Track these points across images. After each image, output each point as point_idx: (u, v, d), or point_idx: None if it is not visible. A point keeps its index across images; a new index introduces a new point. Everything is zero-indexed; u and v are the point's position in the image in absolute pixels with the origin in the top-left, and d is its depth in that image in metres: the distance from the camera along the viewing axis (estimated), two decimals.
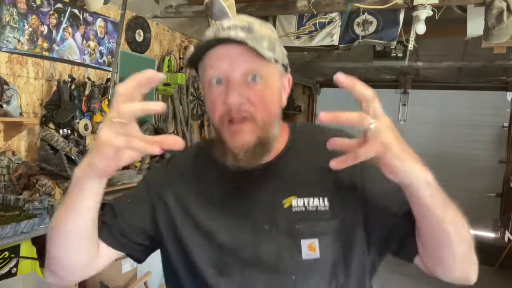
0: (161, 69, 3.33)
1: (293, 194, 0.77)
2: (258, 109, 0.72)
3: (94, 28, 2.65)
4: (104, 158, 0.59)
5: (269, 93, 0.74)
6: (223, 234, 0.77)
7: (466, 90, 5.68)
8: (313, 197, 0.76)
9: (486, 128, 5.60)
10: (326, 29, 2.98)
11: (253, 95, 0.72)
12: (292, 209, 0.76)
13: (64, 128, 2.36)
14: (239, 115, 0.71)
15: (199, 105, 3.96)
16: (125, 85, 0.57)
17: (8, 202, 1.88)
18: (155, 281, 2.77)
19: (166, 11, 3.01)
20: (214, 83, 0.73)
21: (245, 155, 0.72)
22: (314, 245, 0.74)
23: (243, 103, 0.71)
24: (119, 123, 0.56)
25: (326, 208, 0.76)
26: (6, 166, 2.04)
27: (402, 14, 2.73)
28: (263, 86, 0.73)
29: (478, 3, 2.28)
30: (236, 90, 0.71)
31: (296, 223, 0.75)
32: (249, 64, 0.71)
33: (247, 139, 0.72)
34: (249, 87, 0.72)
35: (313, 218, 0.75)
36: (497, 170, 5.54)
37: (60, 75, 2.43)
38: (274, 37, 0.77)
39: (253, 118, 0.72)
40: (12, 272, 1.63)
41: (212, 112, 0.75)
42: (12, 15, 2.10)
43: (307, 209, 0.76)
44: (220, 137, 0.75)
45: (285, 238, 0.75)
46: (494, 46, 2.51)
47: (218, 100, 0.73)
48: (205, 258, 0.78)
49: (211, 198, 0.81)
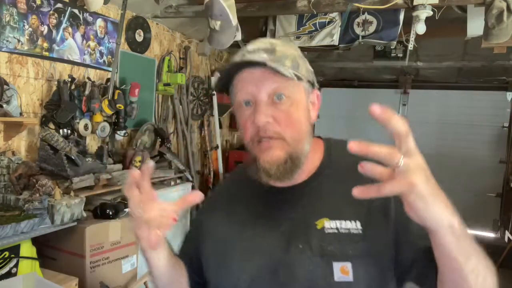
0: (161, 69, 3.33)
1: (326, 216, 0.77)
2: (285, 128, 0.75)
3: (94, 28, 2.65)
4: (143, 241, 0.70)
5: (295, 111, 0.76)
6: (258, 255, 0.80)
7: (466, 90, 5.68)
8: (345, 220, 0.77)
9: (486, 128, 5.60)
10: (326, 29, 2.98)
11: (279, 114, 0.75)
12: (325, 230, 0.77)
13: (64, 128, 2.35)
14: (267, 135, 0.75)
15: (199, 105, 3.96)
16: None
17: (8, 202, 1.88)
18: None
19: (166, 11, 3.01)
20: (243, 106, 0.77)
21: (277, 171, 0.75)
22: (347, 268, 0.74)
23: (269, 123, 0.74)
24: (139, 215, 0.68)
25: (359, 231, 0.76)
26: (6, 166, 2.04)
27: (402, 14, 2.73)
28: (289, 105, 0.75)
29: (478, 3, 2.28)
30: (262, 111, 0.74)
31: (328, 245, 0.75)
32: (273, 85, 0.74)
33: (277, 155, 0.75)
34: (275, 107, 0.75)
35: (346, 241, 0.75)
36: (497, 170, 5.54)
37: (60, 75, 2.43)
38: (298, 54, 0.80)
39: (282, 137, 0.75)
40: (12, 272, 1.63)
41: (244, 133, 0.79)
42: (12, 15, 2.10)
43: (339, 231, 0.76)
44: (253, 155, 0.78)
45: (318, 258, 0.75)
46: (494, 46, 2.51)
47: (248, 121, 0.77)
48: (242, 280, 0.80)
49: (246, 219, 0.84)
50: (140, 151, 2.73)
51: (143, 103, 3.11)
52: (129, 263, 2.16)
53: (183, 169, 3.24)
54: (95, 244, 1.95)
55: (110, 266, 2.04)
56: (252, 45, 0.79)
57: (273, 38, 0.79)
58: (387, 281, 0.76)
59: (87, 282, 1.91)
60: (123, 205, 2.16)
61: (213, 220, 0.89)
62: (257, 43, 0.79)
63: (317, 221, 0.78)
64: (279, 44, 0.79)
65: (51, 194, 1.88)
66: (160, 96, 3.45)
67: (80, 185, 2.16)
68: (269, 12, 2.76)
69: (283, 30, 3.14)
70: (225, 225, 0.86)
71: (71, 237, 1.93)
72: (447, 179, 6.20)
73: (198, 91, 3.92)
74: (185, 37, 3.70)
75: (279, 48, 0.77)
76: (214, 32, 2.33)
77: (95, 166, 2.29)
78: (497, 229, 5.59)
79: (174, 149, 3.66)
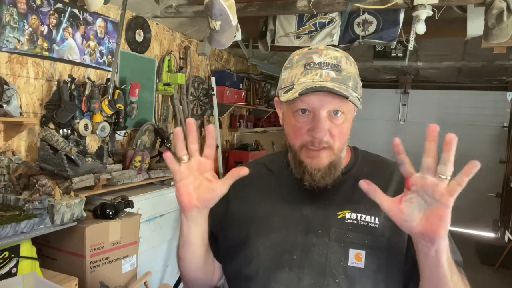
0: (161, 69, 3.33)
1: (348, 209, 0.86)
2: (336, 140, 0.83)
3: (94, 28, 2.65)
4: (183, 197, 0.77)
5: (346, 126, 0.85)
6: (276, 234, 0.87)
7: (466, 90, 5.69)
8: (365, 214, 0.85)
9: (486, 128, 5.61)
10: (326, 29, 2.98)
11: (334, 128, 0.82)
12: (345, 220, 0.85)
13: (64, 128, 2.35)
14: (321, 146, 0.82)
15: (199, 105, 3.96)
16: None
17: (8, 202, 1.88)
18: (155, 281, 2.78)
19: (166, 11, 3.00)
20: (300, 112, 0.83)
21: (322, 176, 0.83)
22: (361, 255, 0.82)
23: (326, 137, 0.82)
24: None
25: (376, 225, 0.84)
26: (6, 166, 2.04)
27: (402, 14, 2.73)
28: (343, 120, 0.83)
29: (478, 3, 2.28)
30: (323, 128, 0.80)
31: (347, 233, 0.84)
32: (336, 104, 0.81)
33: (323, 163, 0.83)
34: (331, 122, 0.82)
35: (364, 231, 0.83)
36: (497, 170, 5.55)
37: (60, 75, 2.43)
38: (357, 73, 0.86)
39: (331, 147, 0.83)
40: (12, 272, 1.63)
41: (295, 136, 0.85)
42: (12, 15, 2.10)
43: (359, 222, 0.84)
44: (298, 158, 0.85)
45: (335, 244, 0.83)
46: (494, 46, 2.51)
47: (303, 128, 0.83)
48: (261, 253, 0.86)
49: (271, 200, 0.92)
50: (140, 151, 2.73)
51: (143, 103, 3.11)
52: (129, 263, 2.16)
53: None
54: (95, 244, 1.95)
55: (110, 266, 2.04)
56: (317, 56, 0.83)
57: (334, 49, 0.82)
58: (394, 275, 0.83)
59: (87, 282, 1.92)
60: (123, 205, 2.16)
61: (240, 199, 0.95)
62: (322, 55, 0.83)
63: (339, 212, 0.86)
64: (343, 59, 0.84)
65: (51, 194, 1.88)
66: (160, 96, 3.45)
67: (80, 185, 2.16)
68: (269, 12, 2.76)
69: (283, 30, 3.14)
70: (250, 203, 0.93)
71: (71, 237, 1.93)
72: None
73: (198, 91, 3.92)
74: (185, 37, 3.70)
75: (344, 65, 0.83)
76: (214, 32, 2.33)
77: (95, 166, 2.29)
78: (497, 229, 5.60)
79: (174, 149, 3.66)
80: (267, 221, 0.89)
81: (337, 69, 0.81)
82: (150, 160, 2.88)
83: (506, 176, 5.49)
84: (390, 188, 0.87)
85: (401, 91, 6.02)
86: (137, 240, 2.21)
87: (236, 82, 4.46)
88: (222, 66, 4.47)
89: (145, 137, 3.15)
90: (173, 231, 2.94)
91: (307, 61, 0.83)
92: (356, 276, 0.81)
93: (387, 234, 0.83)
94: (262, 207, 0.91)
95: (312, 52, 0.84)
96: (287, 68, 0.87)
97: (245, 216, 0.92)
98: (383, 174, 0.90)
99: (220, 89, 4.14)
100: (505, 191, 5.48)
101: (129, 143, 3.07)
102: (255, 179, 0.94)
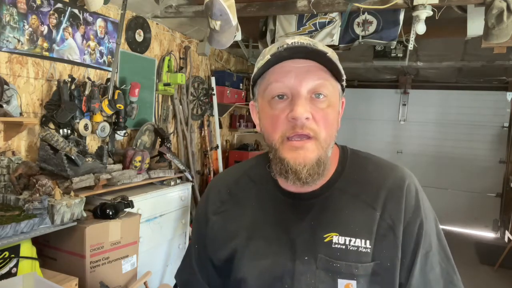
0: (161, 69, 3.33)
1: (335, 231, 0.75)
2: (321, 128, 0.71)
3: (94, 28, 2.65)
4: None
5: (331, 113, 0.73)
6: (264, 260, 0.77)
7: (466, 90, 5.69)
8: (355, 238, 0.74)
9: (486, 128, 5.60)
10: (326, 29, 2.98)
11: (317, 112, 0.71)
12: (332, 244, 0.74)
13: (64, 128, 2.35)
14: (304, 131, 0.70)
15: (199, 105, 3.96)
16: None
17: (8, 202, 1.88)
18: (155, 281, 2.78)
19: (166, 11, 3.01)
20: (276, 98, 0.72)
21: (308, 173, 0.71)
22: (352, 286, 0.72)
23: (308, 119, 0.70)
24: None
25: (368, 250, 0.73)
26: (6, 166, 2.04)
27: (402, 14, 2.73)
28: (327, 105, 0.72)
29: (478, 3, 2.28)
30: (303, 105, 0.69)
31: (335, 261, 0.73)
32: (316, 81, 0.71)
33: (309, 157, 0.70)
34: (313, 104, 0.71)
35: (353, 258, 0.73)
36: (497, 170, 5.54)
37: (60, 75, 2.43)
38: (336, 56, 0.76)
39: (317, 137, 0.71)
40: (12, 272, 1.63)
41: (273, 128, 0.73)
42: (12, 15, 2.10)
43: (348, 248, 0.74)
44: (279, 154, 0.72)
45: (322, 272, 0.74)
46: (494, 46, 2.51)
47: (281, 115, 0.71)
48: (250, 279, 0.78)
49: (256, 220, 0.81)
50: (140, 151, 2.73)
51: (143, 103, 3.11)
52: (129, 263, 2.16)
53: (183, 169, 3.24)
54: (95, 244, 1.95)
55: (110, 266, 2.04)
56: (291, 39, 0.73)
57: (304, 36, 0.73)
58: None
59: (87, 282, 1.92)
60: (123, 205, 2.16)
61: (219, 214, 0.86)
62: (296, 38, 0.74)
63: (326, 235, 0.75)
64: (318, 42, 0.75)
65: (51, 194, 1.88)
66: (160, 96, 3.45)
67: (80, 185, 2.16)
68: (269, 12, 2.76)
69: (283, 30, 3.14)
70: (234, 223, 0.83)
71: (71, 237, 1.93)
72: (447, 179, 6.23)
73: (198, 91, 3.92)
74: (185, 37, 3.70)
75: (319, 45, 0.74)
76: (214, 32, 2.33)
77: (95, 166, 2.29)
78: (497, 229, 5.59)
79: (174, 149, 3.66)
80: (251, 242, 0.80)
81: (314, 45, 0.73)
82: (150, 160, 2.88)
83: (506, 176, 5.49)
84: (380, 196, 0.76)
85: (401, 91, 6.02)
86: (137, 240, 2.21)
87: (236, 82, 4.46)
88: (222, 66, 4.47)
89: (145, 137, 3.15)
90: (173, 231, 2.94)
91: (279, 45, 0.74)
92: None
93: (381, 259, 0.73)
94: (243, 226, 0.81)
95: (285, 39, 0.75)
96: (259, 60, 0.77)
97: (227, 235, 0.83)
98: (373, 182, 0.78)
99: (220, 89, 4.14)
100: (505, 191, 5.48)
101: (129, 143, 3.07)
102: (235, 191, 0.86)
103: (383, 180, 0.78)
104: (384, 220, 0.75)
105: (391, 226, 0.74)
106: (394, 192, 0.76)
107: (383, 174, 0.79)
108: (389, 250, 0.74)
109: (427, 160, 5.80)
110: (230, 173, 0.93)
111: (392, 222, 0.74)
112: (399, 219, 0.74)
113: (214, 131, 4.25)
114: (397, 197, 0.76)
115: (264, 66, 0.73)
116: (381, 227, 0.75)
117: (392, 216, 0.74)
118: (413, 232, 0.74)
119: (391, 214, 0.74)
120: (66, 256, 1.96)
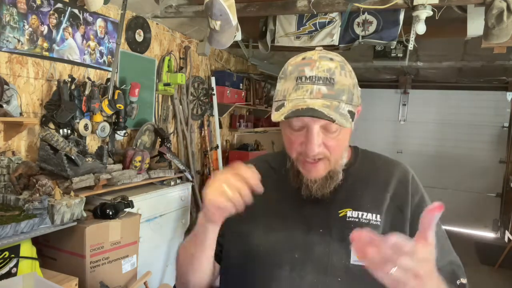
0: (161, 69, 3.33)
1: (349, 207, 0.86)
2: (333, 152, 0.82)
3: (94, 28, 2.65)
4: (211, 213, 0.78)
5: (343, 137, 0.83)
6: (277, 233, 0.87)
7: (466, 90, 5.69)
8: (366, 212, 0.86)
9: (486, 128, 5.61)
10: (326, 29, 2.98)
11: (329, 141, 0.81)
12: (347, 218, 0.85)
13: (64, 128, 2.35)
14: (316, 158, 0.81)
15: (199, 105, 3.96)
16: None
17: (8, 202, 1.88)
18: (155, 281, 2.78)
19: (166, 11, 3.00)
20: (293, 127, 0.82)
21: (318, 187, 0.84)
22: None
23: (320, 146, 0.80)
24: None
25: (378, 223, 0.85)
26: (6, 166, 2.04)
27: (402, 14, 2.73)
28: (338, 133, 0.81)
29: (478, 3, 2.28)
30: (315, 143, 0.79)
31: (348, 230, 0.79)
32: (329, 123, 0.79)
33: (320, 174, 0.84)
34: (326, 135, 0.81)
35: (365, 229, 0.78)
36: (497, 170, 5.55)
37: (60, 75, 2.43)
38: (352, 83, 0.83)
39: (328, 159, 0.83)
40: (12, 272, 1.63)
41: (290, 148, 0.85)
42: (12, 15, 2.10)
43: (360, 220, 0.85)
44: (296, 167, 0.86)
45: (337, 242, 0.83)
46: (494, 46, 2.51)
47: (296, 141, 0.82)
48: (262, 249, 0.87)
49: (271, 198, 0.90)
50: (140, 151, 2.73)
51: (143, 103, 3.11)
52: (129, 263, 2.16)
53: (183, 169, 3.24)
54: (95, 244, 1.95)
55: (110, 266, 2.04)
56: (309, 69, 0.79)
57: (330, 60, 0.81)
58: None
59: (87, 282, 1.92)
60: (123, 205, 2.16)
61: None
62: (315, 68, 0.79)
63: (340, 211, 0.86)
64: (337, 70, 0.80)
65: (51, 194, 1.88)
66: (160, 96, 3.45)
67: (80, 185, 2.16)
68: (269, 12, 2.76)
69: (283, 30, 3.14)
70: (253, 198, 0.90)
71: (71, 237, 1.93)
72: (447, 179, 6.22)
73: (198, 91, 3.92)
74: (185, 37, 3.70)
75: (338, 78, 0.79)
76: (214, 32, 2.33)
77: (95, 166, 2.29)
78: (497, 229, 5.60)
79: (174, 149, 3.66)
80: (266, 219, 0.89)
81: (330, 82, 0.78)
82: (150, 160, 2.88)
83: (506, 176, 5.49)
84: (391, 182, 0.89)
85: (401, 91, 6.02)
86: (137, 240, 2.22)
87: (236, 82, 4.46)
88: (222, 66, 4.47)
89: (145, 137, 3.15)
90: (173, 231, 2.94)
91: (299, 74, 0.80)
92: (358, 274, 0.80)
93: (389, 231, 0.81)
94: (261, 204, 0.88)
95: (305, 64, 0.81)
96: (281, 78, 0.86)
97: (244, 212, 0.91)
98: (382, 172, 0.92)
99: (220, 89, 4.14)
100: (505, 191, 5.48)
101: (129, 143, 3.07)
102: None
103: (391, 170, 0.92)
104: (393, 201, 0.87)
105: (400, 207, 0.86)
106: (402, 180, 0.90)
107: (391, 166, 0.94)
108: (397, 226, 0.84)
109: (427, 160, 5.80)
110: (255, 160, 1.05)
111: (401, 204, 0.87)
112: (407, 202, 0.87)
113: (214, 131, 4.25)
114: (405, 185, 0.90)
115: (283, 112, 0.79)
116: (391, 207, 0.86)
117: (401, 199, 0.87)
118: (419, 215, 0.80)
119: (400, 197, 0.87)
120: (66, 256, 1.96)
